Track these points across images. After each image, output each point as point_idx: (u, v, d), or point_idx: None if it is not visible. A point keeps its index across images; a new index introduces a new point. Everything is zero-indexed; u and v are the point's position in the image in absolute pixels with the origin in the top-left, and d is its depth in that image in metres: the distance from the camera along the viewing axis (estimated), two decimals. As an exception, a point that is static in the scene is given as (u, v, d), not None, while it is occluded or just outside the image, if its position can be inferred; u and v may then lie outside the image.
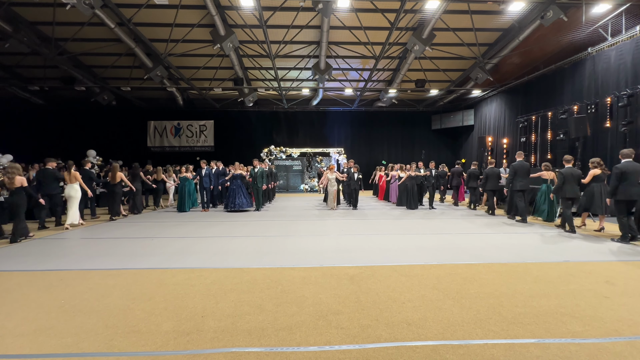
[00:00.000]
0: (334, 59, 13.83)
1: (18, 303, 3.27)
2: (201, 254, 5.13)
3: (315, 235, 6.49)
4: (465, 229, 7.07)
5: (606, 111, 9.69)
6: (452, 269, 4.24)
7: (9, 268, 4.48)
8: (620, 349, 2.39)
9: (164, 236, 6.48)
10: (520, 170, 7.96)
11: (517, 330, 2.66)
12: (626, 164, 5.74)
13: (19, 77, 15.03)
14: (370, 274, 4.08)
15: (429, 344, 2.47)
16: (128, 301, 3.28)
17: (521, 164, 7.99)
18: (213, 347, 2.43)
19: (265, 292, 3.51)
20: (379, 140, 19.96)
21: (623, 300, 3.26)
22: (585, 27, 9.96)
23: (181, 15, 10.73)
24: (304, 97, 18.13)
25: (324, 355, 2.33)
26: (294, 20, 11.03)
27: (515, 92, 14.30)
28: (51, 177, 7.71)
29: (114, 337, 2.58)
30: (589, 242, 5.83)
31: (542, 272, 4.11)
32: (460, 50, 12.58)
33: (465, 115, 18.52)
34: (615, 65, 9.54)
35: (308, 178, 18.52)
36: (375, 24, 11.34)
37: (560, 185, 6.69)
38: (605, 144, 9.89)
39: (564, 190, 6.66)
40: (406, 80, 15.15)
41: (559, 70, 11.59)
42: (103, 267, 4.45)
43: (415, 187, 10.47)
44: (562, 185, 6.65)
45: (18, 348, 2.45)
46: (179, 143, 19.23)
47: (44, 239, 6.35)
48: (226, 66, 14.38)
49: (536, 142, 12.68)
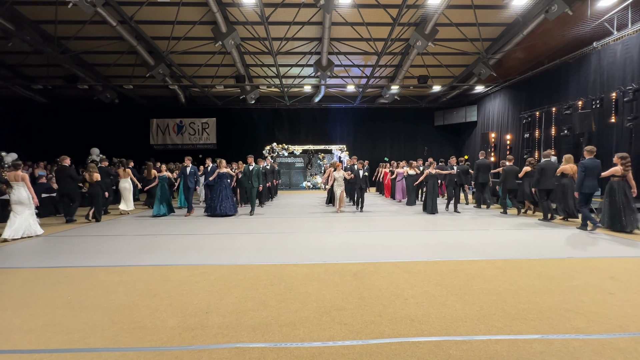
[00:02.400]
0: (336, 55, 13.77)
1: (25, 299, 3.31)
2: (205, 250, 5.16)
3: (318, 232, 6.50)
4: (468, 226, 7.06)
5: (611, 106, 9.58)
6: (455, 265, 4.24)
7: (16, 265, 4.53)
8: (624, 345, 2.39)
9: (168, 233, 6.52)
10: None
11: (520, 326, 2.65)
12: (589, 161, 6.37)
13: (22, 76, 15.10)
14: (373, 270, 4.08)
15: (432, 339, 2.47)
16: (133, 297, 3.31)
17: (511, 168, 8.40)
18: (217, 343, 2.45)
19: (268, 288, 3.53)
20: (382, 137, 19.89)
21: (627, 296, 3.25)
22: (591, 21, 9.82)
23: (182, 13, 10.71)
24: (306, 94, 18.09)
25: (328, 350, 2.35)
26: (296, 17, 10.98)
27: (519, 88, 14.17)
28: (64, 175, 8.23)
29: (120, 333, 2.61)
30: (592, 239, 5.80)
31: (546, 268, 4.10)
32: (464, 45, 12.47)
33: (468, 112, 18.40)
34: (621, 59, 9.42)
35: (309, 175, 18.53)
36: (378, 19, 11.26)
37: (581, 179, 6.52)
38: (610, 139, 9.80)
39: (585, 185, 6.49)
40: (409, 76, 15.05)
41: (563, 65, 11.47)
42: (108, 264, 4.49)
43: (437, 188, 9.14)
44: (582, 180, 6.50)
45: (26, 343, 2.49)
46: (181, 141, 19.28)
47: (49, 236, 6.42)
48: (228, 63, 14.36)
49: (540, 138, 12.58)
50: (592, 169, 6.30)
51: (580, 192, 6.44)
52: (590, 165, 6.31)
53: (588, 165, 6.30)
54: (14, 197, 6.25)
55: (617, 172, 6.22)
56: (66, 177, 7.96)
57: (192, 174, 9.28)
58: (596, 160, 6.42)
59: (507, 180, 8.72)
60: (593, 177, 6.32)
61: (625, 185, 6.23)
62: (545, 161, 7.60)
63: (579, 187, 6.44)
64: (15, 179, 6.24)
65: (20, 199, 6.23)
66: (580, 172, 6.41)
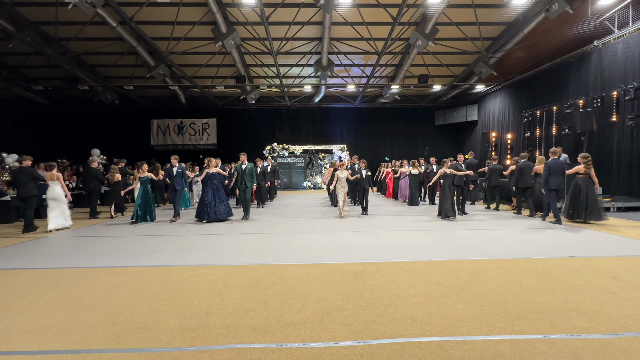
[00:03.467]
0: (336, 55, 13.76)
1: (26, 300, 3.31)
2: (205, 251, 5.16)
3: (319, 232, 6.50)
4: (469, 225, 7.04)
5: (612, 105, 9.57)
6: (457, 265, 4.23)
7: (17, 266, 4.53)
8: (627, 344, 2.38)
9: (168, 234, 6.53)
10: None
11: (522, 326, 2.64)
12: (553, 162, 7.00)
13: (23, 77, 15.13)
14: (374, 270, 4.08)
15: (433, 339, 2.46)
16: (134, 298, 3.31)
17: (525, 164, 8.26)
18: (218, 344, 2.45)
19: (269, 288, 3.52)
20: (382, 136, 19.88)
21: (630, 295, 3.23)
22: (592, 19, 9.80)
23: (182, 13, 10.71)
24: (306, 94, 18.08)
25: (329, 351, 2.34)
26: (296, 17, 10.97)
27: (519, 87, 14.15)
28: (91, 175, 8.97)
29: (121, 334, 2.61)
30: (594, 238, 5.78)
31: (548, 268, 4.08)
32: (464, 44, 12.45)
33: (469, 111, 18.38)
34: (622, 58, 9.40)
35: (310, 175, 18.52)
36: (378, 19, 11.25)
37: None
38: (611, 138, 9.78)
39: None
40: (409, 75, 15.03)
41: (564, 63, 11.44)
42: (109, 264, 4.49)
43: (452, 189, 8.09)
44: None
45: (27, 345, 2.49)
46: (182, 141, 19.29)
47: (49, 237, 6.42)
48: (228, 64, 14.37)
49: (541, 137, 12.56)
50: (555, 167, 6.99)
51: (547, 189, 7.04)
52: (553, 165, 7.00)
53: (551, 165, 7.00)
54: (50, 194, 6.94)
55: (580, 170, 6.97)
56: (91, 178, 8.75)
57: (180, 174, 8.33)
58: (559, 160, 7.16)
59: (492, 177, 9.33)
60: (557, 175, 7.00)
61: (589, 181, 6.96)
62: (523, 162, 8.21)
63: (544, 185, 7.09)
64: (51, 178, 6.97)
65: (54, 195, 6.96)
66: (545, 172, 7.04)
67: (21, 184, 6.98)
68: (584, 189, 6.96)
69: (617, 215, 8.05)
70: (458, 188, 8.49)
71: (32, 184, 7.04)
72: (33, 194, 7.04)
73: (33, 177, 7.08)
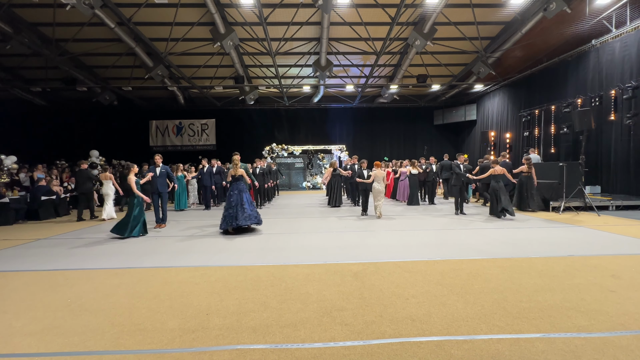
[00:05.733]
0: (335, 55, 13.76)
1: (25, 302, 3.30)
2: (205, 252, 5.15)
3: (318, 232, 6.50)
4: (469, 225, 7.05)
5: (611, 104, 9.59)
6: (456, 265, 4.23)
7: (16, 268, 4.52)
8: (626, 342, 2.38)
9: (168, 235, 6.51)
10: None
11: (522, 325, 2.65)
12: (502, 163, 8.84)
13: (21, 79, 15.09)
14: (373, 270, 4.08)
15: (433, 339, 2.46)
16: (133, 300, 3.30)
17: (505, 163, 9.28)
18: (218, 345, 2.45)
19: (269, 289, 3.52)
20: (381, 136, 19.89)
21: (629, 294, 3.24)
22: (589, 18, 9.83)
23: (181, 14, 10.70)
24: (305, 94, 18.08)
25: (329, 351, 2.34)
26: (294, 17, 10.97)
27: (518, 86, 14.18)
28: (84, 177, 9.13)
29: (120, 336, 2.60)
30: (593, 237, 5.80)
31: (547, 267, 4.09)
32: (462, 44, 12.47)
33: (467, 110, 18.40)
34: (620, 57, 9.42)
35: (310, 175, 18.52)
36: (376, 19, 11.25)
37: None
38: (609, 137, 9.80)
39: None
40: (408, 75, 15.05)
41: (562, 63, 11.47)
42: (108, 266, 4.48)
43: (464, 187, 8.65)
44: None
45: (26, 347, 2.48)
46: (181, 142, 19.26)
47: (48, 238, 6.41)
48: (227, 64, 14.36)
49: (539, 136, 12.58)
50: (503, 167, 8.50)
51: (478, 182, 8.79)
52: (502, 165, 8.63)
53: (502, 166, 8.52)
54: (104, 190, 8.71)
55: (524, 169, 8.60)
56: (83, 179, 8.85)
57: (164, 175, 7.44)
58: (508, 161, 9.49)
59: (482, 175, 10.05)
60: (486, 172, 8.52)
61: (530, 179, 8.59)
62: (486, 162, 9.53)
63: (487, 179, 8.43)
64: (105, 178, 8.73)
65: (107, 191, 8.67)
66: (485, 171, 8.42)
67: (80, 183, 8.78)
68: (526, 185, 8.71)
69: (616, 213, 8.08)
70: (456, 188, 8.58)
71: (89, 183, 8.84)
72: (90, 190, 8.92)
73: (89, 177, 8.87)
